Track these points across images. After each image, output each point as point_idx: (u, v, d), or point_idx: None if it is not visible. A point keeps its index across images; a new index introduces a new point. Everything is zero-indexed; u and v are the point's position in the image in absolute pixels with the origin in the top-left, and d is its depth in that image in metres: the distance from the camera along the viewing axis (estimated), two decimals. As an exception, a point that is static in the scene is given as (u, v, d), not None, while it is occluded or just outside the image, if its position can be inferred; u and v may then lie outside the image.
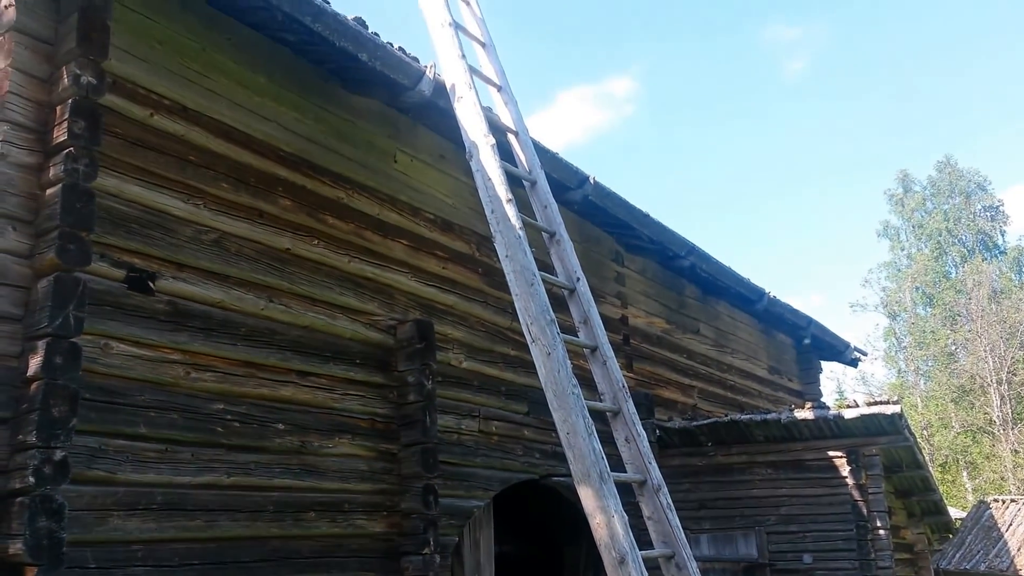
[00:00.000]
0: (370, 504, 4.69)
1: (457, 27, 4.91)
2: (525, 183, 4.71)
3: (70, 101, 3.58)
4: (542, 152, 5.46)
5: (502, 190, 4.06)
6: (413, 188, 5.59)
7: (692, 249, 8.08)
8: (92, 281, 3.55)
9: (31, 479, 3.13)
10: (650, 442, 4.14)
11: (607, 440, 3.79)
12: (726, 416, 7.49)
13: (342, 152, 5.10)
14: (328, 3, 4.40)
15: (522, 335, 6.02)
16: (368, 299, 5.04)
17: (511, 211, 3.98)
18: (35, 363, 3.29)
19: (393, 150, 5.53)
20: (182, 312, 3.98)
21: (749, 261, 51.71)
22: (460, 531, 5.26)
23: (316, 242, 4.77)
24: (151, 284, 3.87)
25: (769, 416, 7.26)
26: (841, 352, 11.92)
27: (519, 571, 6.83)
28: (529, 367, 6.10)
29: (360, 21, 4.60)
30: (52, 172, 3.54)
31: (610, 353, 4.04)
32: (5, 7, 3.73)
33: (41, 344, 3.30)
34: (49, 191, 3.53)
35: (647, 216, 7.39)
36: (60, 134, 3.57)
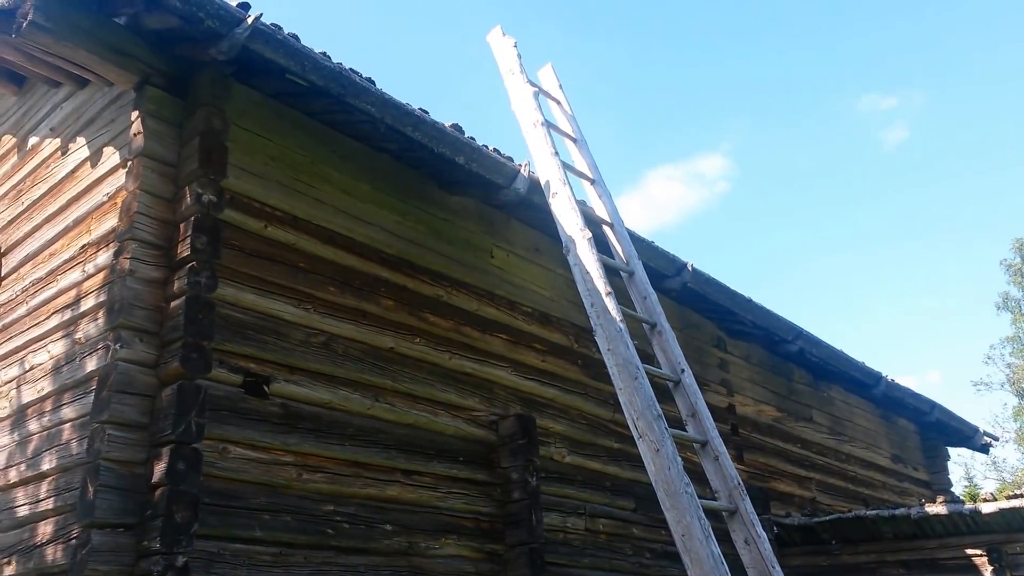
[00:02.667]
0: (478, 608, 4.69)
1: (549, 126, 5.15)
2: (623, 274, 4.80)
3: (193, 218, 3.94)
4: (638, 241, 5.57)
5: (601, 283, 4.17)
6: (510, 283, 5.77)
7: (800, 333, 7.94)
8: (212, 387, 3.80)
9: (155, 584, 3.30)
10: (769, 541, 4.03)
11: (721, 538, 3.72)
12: (850, 511, 7.16)
13: (440, 251, 5.34)
14: (427, 112, 4.72)
15: (625, 426, 6.04)
16: (469, 394, 5.16)
17: (611, 304, 4.07)
18: (159, 470, 3.52)
19: (489, 246, 5.74)
20: (294, 414, 4.19)
21: (858, 339, 49.75)
22: (571, 637, 5.17)
23: (418, 340, 4.96)
24: (266, 388, 4.10)
25: (898, 511, 6.89)
26: (969, 437, 11.28)
27: None
28: (634, 460, 6.08)
29: (457, 127, 4.90)
30: (176, 285, 3.86)
31: (722, 448, 4.00)
32: (134, 135, 4.17)
33: (165, 451, 3.54)
34: (173, 303, 3.84)
35: (750, 301, 7.34)
36: (184, 249, 3.91)
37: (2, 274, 5.30)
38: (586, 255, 4.34)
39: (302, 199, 4.59)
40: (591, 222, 4.80)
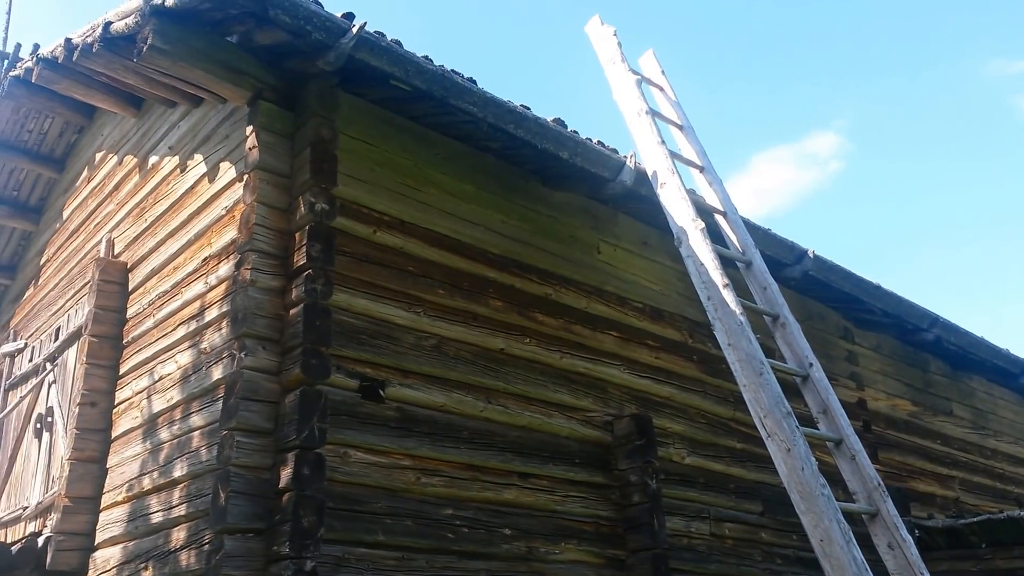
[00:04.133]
0: (602, 613, 4.71)
1: (653, 114, 5.12)
2: (739, 264, 4.72)
3: (307, 227, 4.12)
4: (753, 229, 5.46)
5: (717, 275, 4.11)
6: (619, 278, 5.76)
7: (935, 320, 7.58)
8: (332, 393, 3.96)
9: (286, 588, 3.47)
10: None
11: (860, 543, 3.60)
12: (1001, 512, 6.78)
13: (547, 248, 5.39)
14: (529, 108, 4.77)
15: (748, 425, 5.94)
16: (582, 395, 5.18)
17: (729, 296, 4.01)
18: (286, 475, 3.70)
19: (596, 241, 5.75)
20: (409, 417, 4.31)
21: (998, 326, 46.80)
22: (700, 644, 5.12)
23: (528, 340, 5.02)
24: (381, 392, 4.24)
25: (1057, 511, 6.49)
26: None
27: None
28: (760, 461, 5.96)
29: (560, 122, 4.93)
30: (294, 293, 4.05)
31: (859, 446, 3.88)
32: (249, 149, 4.40)
33: (290, 456, 3.71)
34: (292, 311, 4.03)
35: (878, 287, 7.07)
36: (300, 258, 4.10)
37: (130, 289, 5.68)
38: (699, 246, 4.29)
39: (408, 203, 4.73)
40: (703, 211, 4.74)
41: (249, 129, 4.42)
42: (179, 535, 4.14)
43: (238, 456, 3.72)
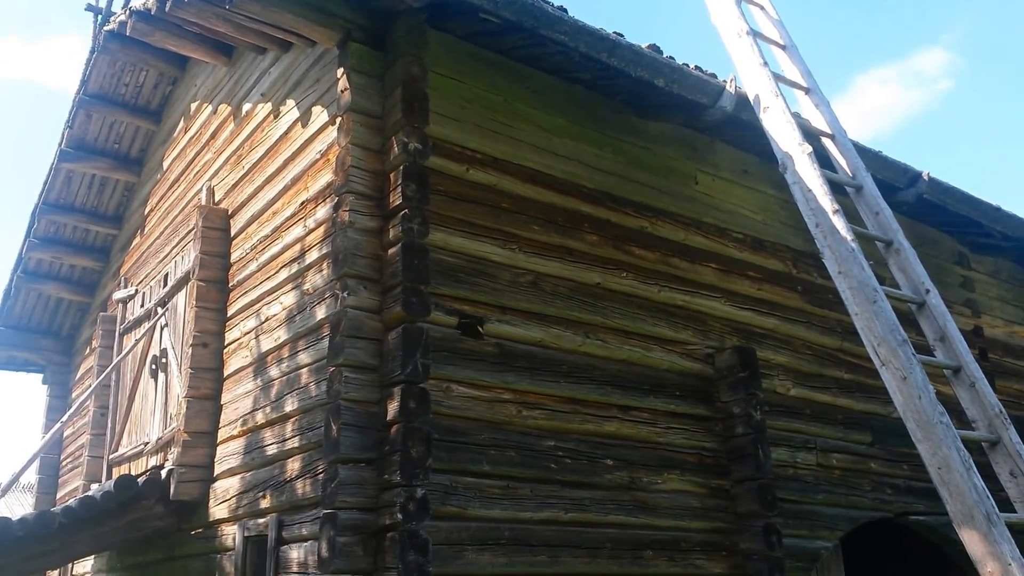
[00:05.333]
0: (707, 543, 4.82)
1: (755, 34, 5.00)
2: (849, 189, 4.63)
3: (401, 167, 4.24)
4: (863, 152, 5.31)
5: (826, 201, 4.05)
6: (717, 208, 5.72)
7: (1060, 242, 7.25)
8: (432, 330, 4.13)
9: (398, 515, 3.69)
10: (1034, 472, 3.82)
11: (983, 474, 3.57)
12: None
13: (641, 180, 5.38)
14: (622, 36, 4.73)
15: (855, 356, 5.89)
16: (681, 328, 5.22)
17: (839, 222, 3.95)
18: (393, 408, 3.90)
19: (693, 172, 5.71)
20: (509, 353, 4.45)
21: None
22: (807, 575, 5.18)
23: (624, 274, 5.07)
24: (480, 329, 4.39)
25: None
26: None
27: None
28: (868, 391, 5.92)
29: (655, 48, 4.88)
30: (392, 233, 4.20)
31: (978, 373, 3.81)
32: (341, 91, 4.53)
33: (396, 390, 3.91)
34: (391, 251, 4.19)
35: (998, 209, 6.78)
36: (396, 198, 4.24)
37: (232, 234, 5.97)
38: (807, 171, 4.22)
39: (500, 139, 4.79)
40: (809, 135, 4.64)
41: (340, 71, 4.54)
42: (294, 466, 4.42)
43: (347, 391, 3.94)
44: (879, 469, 5.82)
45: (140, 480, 5.58)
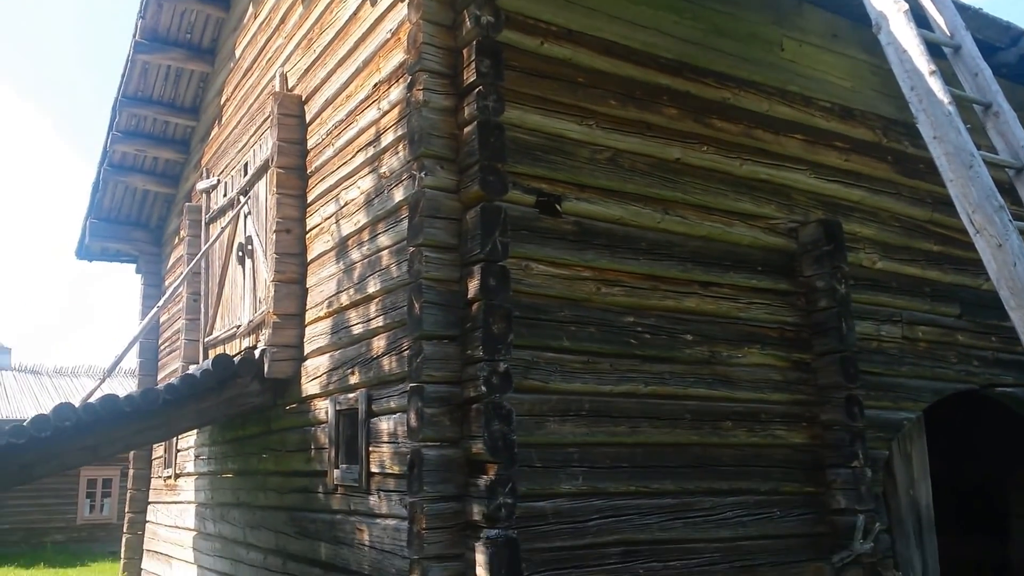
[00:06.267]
0: (787, 415, 4.88)
1: None
2: (946, 50, 4.39)
3: (474, 42, 4.18)
4: (963, 10, 4.99)
5: (922, 62, 3.85)
6: (804, 76, 5.50)
7: None
8: (510, 208, 4.16)
9: (482, 388, 3.84)
10: None
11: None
12: None
13: (723, 49, 5.19)
14: None
15: (946, 227, 5.74)
16: (764, 202, 5.13)
17: (936, 84, 3.77)
18: (473, 286, 3.99)
19: (778, 38, 5.47)
20: (587, 231, 4.47)
21: None
22: (889, 445, 5.22)
23: (705, 148, 4.97)
24: (558, 207, 4.40)
25: None
26: None
27: (954, 493, 6.55)
28: (958, 263, 5.78)
29: (737, -99, 4.61)
30: (467, 111, 4.19)
31: (1082, 242, 3.67)
32: (410, -34, 4.44)
33: (476, 269, 3.99)
34: (466, 129, 4.19)
35: (1109, 68, 6.33)
36: (469, 75, 4.20)
37: (308, 120, 6.04)
38: (902, 31, 4.00)
39: (574, 10, 4.66)
40: (903, -9, 4.38)
41: (409, -56, 4.44)
42: (379, 344, 4.60)
43: (427, 270, 4.03)
44: (966, 341, 5.74)
45: (236, 359, 5.89)
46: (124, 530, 10.71)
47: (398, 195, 4.53)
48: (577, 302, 4.36)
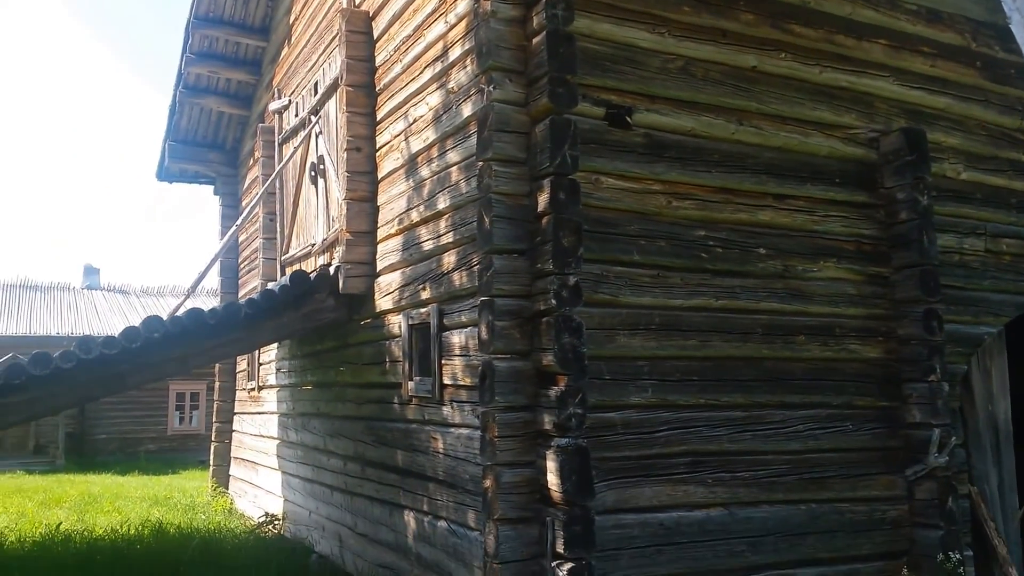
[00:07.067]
0: (863, 329, 4.78)
1: None
2: (1045, -59, 4.08)
3: (542, -51, 4.05)
4: None
5: (1018, -46, 3.60)
6: (890, -24, 5.20)
7: None
8: (579, 121, 4.08)
9: (552, 301, 3.84)
10: None
11: None
12: None
13: (803, -51, 4.93)
14: None
15: (1039, 135, 5.42)
16: (844, 111, 4.93)
17: (1032, -22, 3.53)
18: (543, 200, 3.96)
19: (862, -65, 5.16)
20: (658, 143, 4.37)
21: None
22: (968, 360, 5.09)
23: (783, 55, 4.77)
24: (628, 119, 4.30)
25: None
26: None
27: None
28: (1049, 173, 5.49)
29: None
30: (535, 22, 4.09)
31: None
32: None
33: (546, 183, 3.95)
34: (535, 40, 4.09)
35: None
36: (537, -17, 4.08)
37: (375, 37, 6.00)
38: (995, -79, 3.73)
39: (646, -88, 4.47)
40: None
41: None
42: (449, 259, 4.64)
43: (497, 184, 4.01)
44: (1054, 254, 5.50)
45: (312, 276, 6.03)
46: (212, 439, 11.26)
47: (467, 110, 4.49)
48: (647, 216, 4.30)
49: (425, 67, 5.08)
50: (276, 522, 8.10)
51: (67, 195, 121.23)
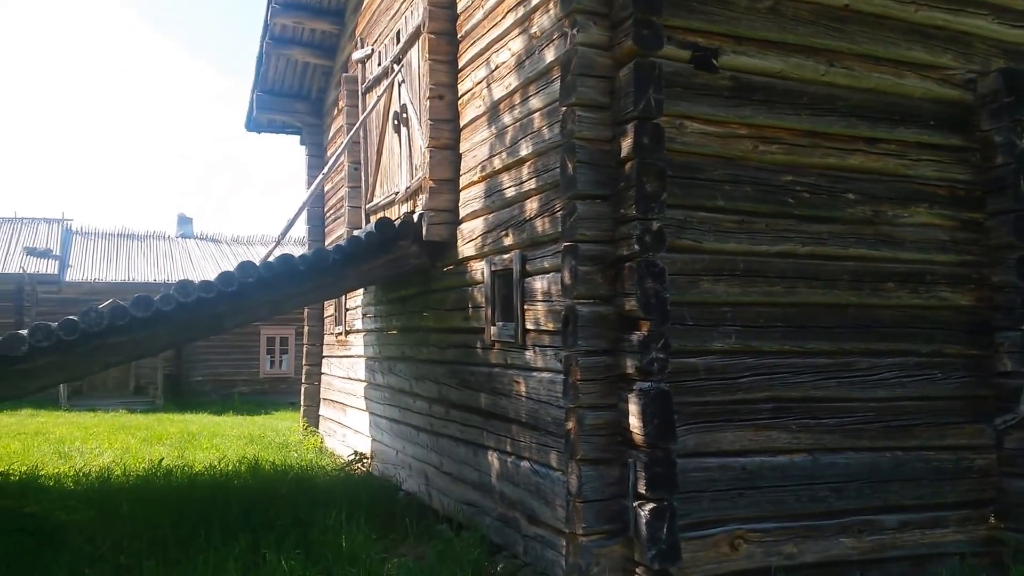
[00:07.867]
0: (954, 276, 4.63)
1: None
2: None
3: None
4: None
5: None
6: (993, -95, 4.90)
7: None
8: (664, 64, 4.00)
9: (635, 246, 3.83)
10: None
11: None
12: None
13: None
14: None
15: None
16: (940, 51, 4.71)
17: None
18: (626, 145, 3.92)
19: None
20: (745, 86, 4.27)
21: None
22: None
23: (877, -8, 4.57)
24: (715, 61, 4.20)
25: None
26: None
27: None
28: None
29: None
30: (620, -38, 4.01)
31: None
32: None
33: (629, 127, 3.91)
34: (620, -20, 4.01)
35: None
36: (622, -78, 3.99)
37: (457, -17, 5.96)
38: None
39: None
40: None
41: None
42: (532, 206, 4.66)
43: (580, 129, 3.99)
44: None
45: (396, 223, 6.13)
46: (302, 381, 11.66)
47: (549, 55, 4.46)
48: (732, 160, 4.22)
49: (507, 12, 5.05)
50: (364, 460, 8.38)
51: (160, 148, 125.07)
